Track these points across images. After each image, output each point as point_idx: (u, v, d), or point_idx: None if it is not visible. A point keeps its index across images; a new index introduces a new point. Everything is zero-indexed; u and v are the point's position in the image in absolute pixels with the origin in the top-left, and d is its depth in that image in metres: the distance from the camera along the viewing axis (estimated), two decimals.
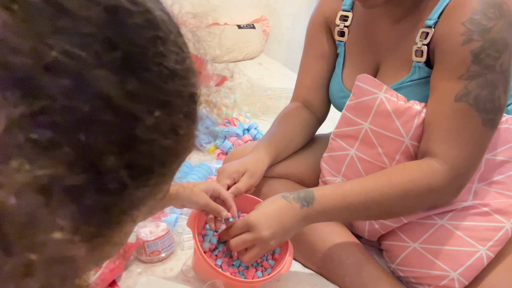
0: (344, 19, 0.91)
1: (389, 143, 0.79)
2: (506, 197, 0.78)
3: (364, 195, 0.71)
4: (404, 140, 0.77)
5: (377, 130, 0.79)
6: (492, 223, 0.74)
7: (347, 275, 0.80)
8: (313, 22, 0.98)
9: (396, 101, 0.76)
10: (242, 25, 2.61)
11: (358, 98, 0.80)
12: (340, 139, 0.86)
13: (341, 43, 0.93)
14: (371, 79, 0.78)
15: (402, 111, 0.75)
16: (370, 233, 0.87)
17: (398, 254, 0.81)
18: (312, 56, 0.99)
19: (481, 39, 0.66)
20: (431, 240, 0.77)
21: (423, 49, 0.75)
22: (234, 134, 1.36)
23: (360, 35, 0.89)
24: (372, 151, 0.81)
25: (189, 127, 0.27)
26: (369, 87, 0.78)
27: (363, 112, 0.80)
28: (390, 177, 0.72)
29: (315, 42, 0.98)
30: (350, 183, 0.74)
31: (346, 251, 0.82)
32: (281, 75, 2.30)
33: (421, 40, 0.75)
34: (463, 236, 0.75)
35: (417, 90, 0.78)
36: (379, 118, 0.78)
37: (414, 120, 0.75)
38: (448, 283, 0.74)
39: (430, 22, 0.74)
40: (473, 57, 0.67)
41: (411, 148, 0.78)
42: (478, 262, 0.73)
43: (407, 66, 0.79)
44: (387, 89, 0.77)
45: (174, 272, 0.85)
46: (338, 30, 0.93)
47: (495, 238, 0.73)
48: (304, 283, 0.83)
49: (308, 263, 0.87)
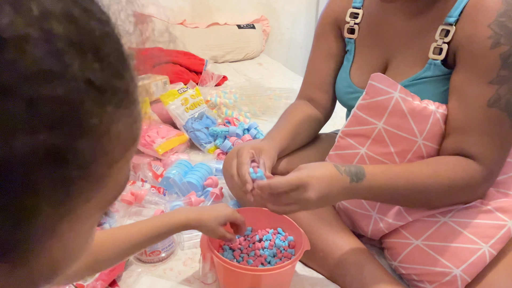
0: (355, 16, 0.92)
1: (402, 143, 0.79)
2: (509, 196, 0.78)
3: (411, 183, 0.72)
4: (417, 140, 0.78)
5: (391, 130, 0.79)
6: (495, 221, 0.74)
7: (347, 275, 0.79)
8: (322, 21, 0.98)
9: (411, 101, 0.76)
10: (242, 25, 2.62)
11: (372, 98, 0.79)
12: (350, 137, 0.85)
13: (351, 40, 0.94)
14: (385, 78, 0.78)
15: (417, 112, 0.76)
16: (374, 232, 0.87)
17: (401, 252, 0.81)
18: (320, 55, 0.99)
19: (509, 43, 0.68)
20: (434, 237, 0.77)
21: (443, 47, 0.75)
22: (234, 134, 1.36)
23: (371, 32, 0.89)
24: (383, 150, 0.81)
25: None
26: (384, 86, 0.77)
27: (377, 111, 0.79)
28: (436, 170, 0.73)
29: (323, 41, 0.98)
30: (399, 168, 0.75)
31: (347, 250, 0.81)
32: (281, 75, 2.30)
33: (441, 38, 0.75)
34: (465, 233, 0.75)
35: (429, 87, 0.78)
36: (394, 118, 0.78)
37: (428, 120, 0.76)
38: (450, 280, 0.74)
39: (451, 19, 0.73)
40: (502, 61, 0.68)
41: (423, 148, 0.78)
42: (481, 259, 0.73)
43: (420, 62, 0.79)
44: (401, 89, 0.77)
45: (174, 272, 0.85)
46: (348, 28, 0.93)
47: (497, 236, 0.73)
48: (304, 282, 0.83)
49: (309, 262, 0.87)
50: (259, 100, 1.73)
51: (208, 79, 1.83)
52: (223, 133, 1.37)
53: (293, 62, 3.03)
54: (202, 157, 1.33)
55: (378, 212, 0.84)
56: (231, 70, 2.32)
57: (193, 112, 1.41)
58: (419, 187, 0.72)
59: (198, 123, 1.39)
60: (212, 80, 1.82)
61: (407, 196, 0.75)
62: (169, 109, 1.37)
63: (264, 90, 1.83)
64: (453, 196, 0.76)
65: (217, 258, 0.72)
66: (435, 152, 0.80)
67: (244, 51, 2.55)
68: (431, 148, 0.79)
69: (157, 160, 1.24)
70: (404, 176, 0.72)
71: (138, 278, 0.82)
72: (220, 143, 1.36)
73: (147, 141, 1.22)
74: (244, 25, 2.62)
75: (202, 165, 1.17)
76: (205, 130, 1.38)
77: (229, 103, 1.60)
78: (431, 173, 0.73)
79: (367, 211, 0.85)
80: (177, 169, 1.12)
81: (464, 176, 0.72)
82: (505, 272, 0.72)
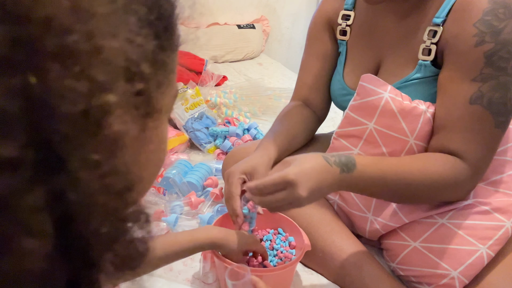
0: (346, 18, 0.92)
1: (394, 143, 0.79)
2: (507, 196, 0.78)
3: (401, 175, 0.71)
4: (408, 140, 0.78)
5: (382, 130, 0.79)
6: (493, 222, 0.74)
7: (347, 275, 0.79)
8: (315, 22, 0.98)
9: (401, 101, 0.76)
10: (242, 25, 2.62)
11: (363, 98, 0.79)
12: (343, 139, 0.86)
13: (343, 42, 0.94)
14: (375, 79, 0.78)
15: (407, 111, 0.75)
16: (371, 233, 0.87)
17: (399, 253, 0.81)
18: (313, 56, 0.99)
19: (493, 41, 0.67)
20: (432, 239, 0.77)
21: (432, 48, 0.75)
22: (234, 134, 1.36)
23: (363, 33, 0.89)
24: (376, 151, 0.81)
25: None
26: (374, 86, 0.78)
27: (368, 112, 0.79)
28: (426, 165, 0.72)
29: (316, 41, 0.98)
30: (389, 160, 0.73)
31: (347, 251, 0.82)
32: (281, 75, 2.30)
33: (429, 39, 0.75)
34: (463, 235, 0.75)
35: (421, 88, 0.78)
36: (384, 118, 0.78)
37: (419, 120, 0.76)
38: (448, 282, 0.74)
39: (438, 20, 0.73)
40: (486, 59, 0.68)
41: (415, 148, 0.78)
42: (479, 260, 0.73)
43: (411, 63, 0.79)
44: (391, 89, 0.77)
45: (174, 272, 0.85)
46: (340, 29, 0.93)
47: (495, 237, 0.73)
48: (304, 282, 0.83)
49: (308, 262, 0.87)
50: (259, 100, 1.73)
51: (208, 79, 1.83)
52: (223, 133, 1.37)
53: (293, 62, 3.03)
54: (202, 157, 1.34)
55: (374, 214, 0.84)
56: (231, 70, 2.32)
57: (193, 112, 1.42)
58: (408, 181, 0.71)
59: (198, 123, 1.39)
60: (212, 80, 1.82)
61: (395, 189, 0.72)
62: None
63: (264, 90, 1.83)
64: (440, 192, 0.75)
65: (217, 258, 0.72)
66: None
67: (244, 51, 2.55)
68: (423, 147, 0.79)
69: None
70: (394, 168, 0.71)
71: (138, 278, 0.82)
72: (220, 143, 1.36)
73: None
74: (244, 25, 2.62)
75: (202, 165, 1.17)
76: (205, 130, 1.38)
77: (229, 103, 1.60)
78: (420, 168, 0.72)
79: (363, 213, 0.86)
80: (177, 169, 1.13)
81: (451, 172, 0.71)
82: (504, 273, 0.73)
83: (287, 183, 0.63)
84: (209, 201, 1.06)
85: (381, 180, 0.70)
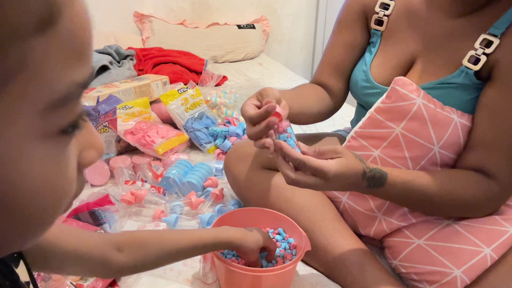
0: (385, 7, 0.88)
1: (417, 149, 0.77)
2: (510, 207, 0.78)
3: (427, 195, 0.71)
4: (433, 147, 0.77)
5: (408, 135, 0.77)
6: (498, 227, 0.74)
7: (349, 275, 0.79)
8: (348, 7, 0.94)
9: (434, 108, 0.74)
10: (242, 25, 2.62)
11: (394, 102, 0.77)
12: (363, 139, 0.83)
13: (377, 32, 0.90)
14: (408, 83, 0.75)
15: (438, 119, 0.74)
16: (376, 232, 0.86)
17: (402, 250, 0.81)
18: (340, 43, 0.95)
19: None
20: (436, 237, 0.77)
21: (482, 58, 0.72)
22: (234, 134, 1.36)
23: (401, 26, 0.85)
24: (397, 154, 0.79)
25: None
26: (407, 91, 0.75)
27: (397, 116, 0.77)
28: (456, 187, 0.72)
29: (346, 30, 0.94)
30: (420, 181, 0.72)
31: (349, 250, 0.81)
32: (281, 75, 2.30)
33: (481, 48, 0.72)
34: (468, 236, 0.74)
35: (456, 93, 0.76)
36: (413, 123, 0.76)
37: (448, 129, 0.74)
38: (450, 281, 0.74)
39: (497, 31, 0.70)
40: None
41: (438, 156, 0.77)
42: (482, 261, 0.72)
43: (451, 66, 0.77)
44: (424, 95, 0.75)
45: (174, 272, 0.85)
46: (376, 18, 0.89)
47: (500, 240, 0.73)
48: (305, 281, 0.83)
49: (310, 260, 0.87)
50: None
51: (208, 79, 1.83)
52: (223, 133, 1.37)
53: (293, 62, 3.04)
54: (202, 157, 1.33)
55: (384, 214, 0.84)
56: (231, 70, 2.32)
57: (193, 112, 1.41)
58: (435, 201, 0.72)
59: (198, 123, 1.39)
60: (212, 80, 1.82)
61: (418, 206, 0.76)
62: (169, 109, 1.37)
63: None
64: (465, 212, 0.77)
65: (217, 258, 0.72)
66: (450, 160, 0.79)
67: (244, 51, 2.55)
68: (446, 156, 0.78)
69: (157, 160, 1.24)
70: (420, 189, 0.71)
71: (138, 278, 0.82)
72: (220, 143, 1.36)
73: (147, 141, 1.22)
74: (244, 25, 2.63)
75: (202, 165, 1.17)
76: (205, 130, 1.38)
77: (229, 103, 1.60)
78: (450, 190, 0.72)
79: (373, 212, 0.85)
80: (177, 169, 1.12)
81: (482, 196, 0.72)
82: (505, 275, 0.72)
83: (324, 175, 0.64)
84: (209, 201, 1.05)
85: (405, 197, 0.72)
